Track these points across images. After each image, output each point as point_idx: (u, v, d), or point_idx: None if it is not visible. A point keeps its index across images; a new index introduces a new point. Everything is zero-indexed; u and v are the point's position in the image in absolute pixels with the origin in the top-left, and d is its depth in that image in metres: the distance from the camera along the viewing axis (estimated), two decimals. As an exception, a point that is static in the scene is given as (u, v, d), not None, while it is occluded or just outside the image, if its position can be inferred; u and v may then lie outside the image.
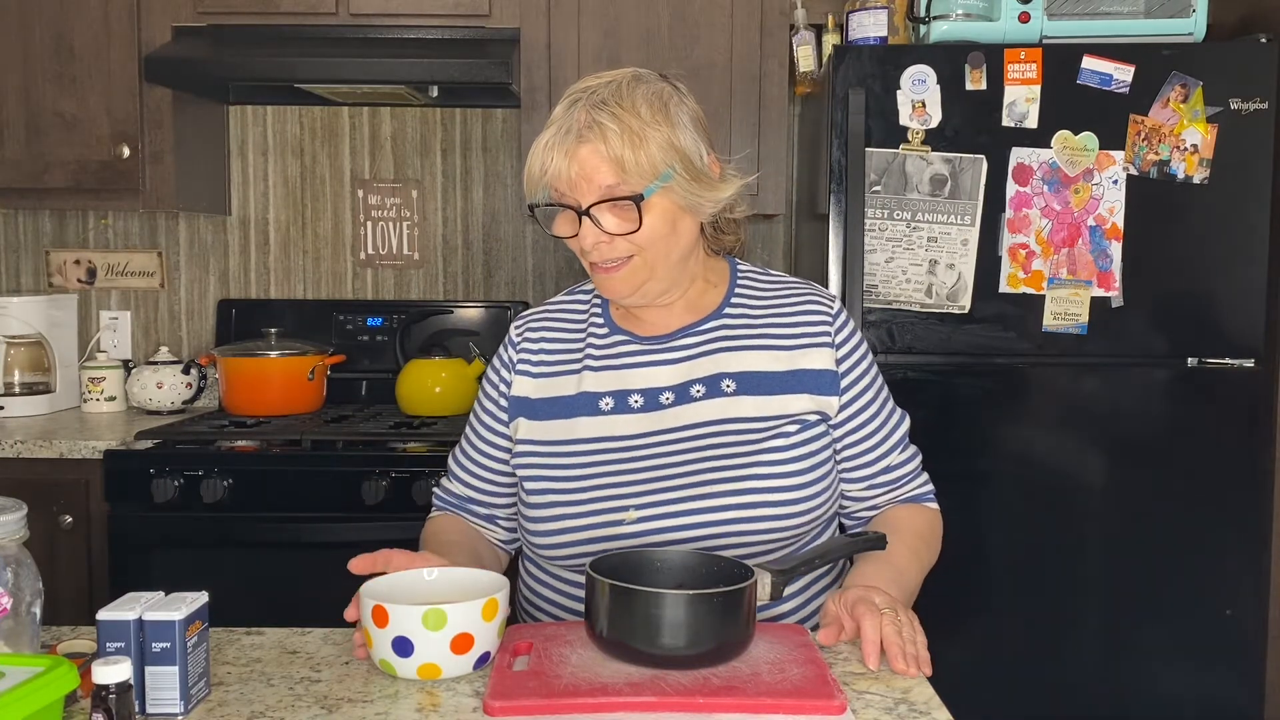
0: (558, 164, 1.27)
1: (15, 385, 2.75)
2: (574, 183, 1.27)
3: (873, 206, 2.19)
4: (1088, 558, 2.25)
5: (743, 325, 1.39)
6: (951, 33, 2.25)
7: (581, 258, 1.34)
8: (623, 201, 1.27)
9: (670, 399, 1.35)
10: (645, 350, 1.38)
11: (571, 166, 1.26)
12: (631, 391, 1.36)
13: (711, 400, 1.34)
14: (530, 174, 1.31)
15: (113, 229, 2.97)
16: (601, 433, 1.35)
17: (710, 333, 1.39)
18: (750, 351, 1.37)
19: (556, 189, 1.29)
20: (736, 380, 1.35)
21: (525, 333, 1.45)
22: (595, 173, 1.26)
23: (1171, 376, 2.23)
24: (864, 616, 1.16)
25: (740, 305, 1.41)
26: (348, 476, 2.25)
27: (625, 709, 0.99)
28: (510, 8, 2.54)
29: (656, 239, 1.30)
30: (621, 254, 1.30)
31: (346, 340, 2.85)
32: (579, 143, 1.26)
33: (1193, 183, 2.20)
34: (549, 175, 1.28)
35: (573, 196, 1.28)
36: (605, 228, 1.28)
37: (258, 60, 2.50)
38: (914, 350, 2.22)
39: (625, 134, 1.25)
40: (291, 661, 1.15)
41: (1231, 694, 2.25)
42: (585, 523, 1.31)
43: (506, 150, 2.94)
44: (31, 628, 1.04)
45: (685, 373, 1.36)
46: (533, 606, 1.42)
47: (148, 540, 2.28)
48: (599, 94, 1.28)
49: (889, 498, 1.42)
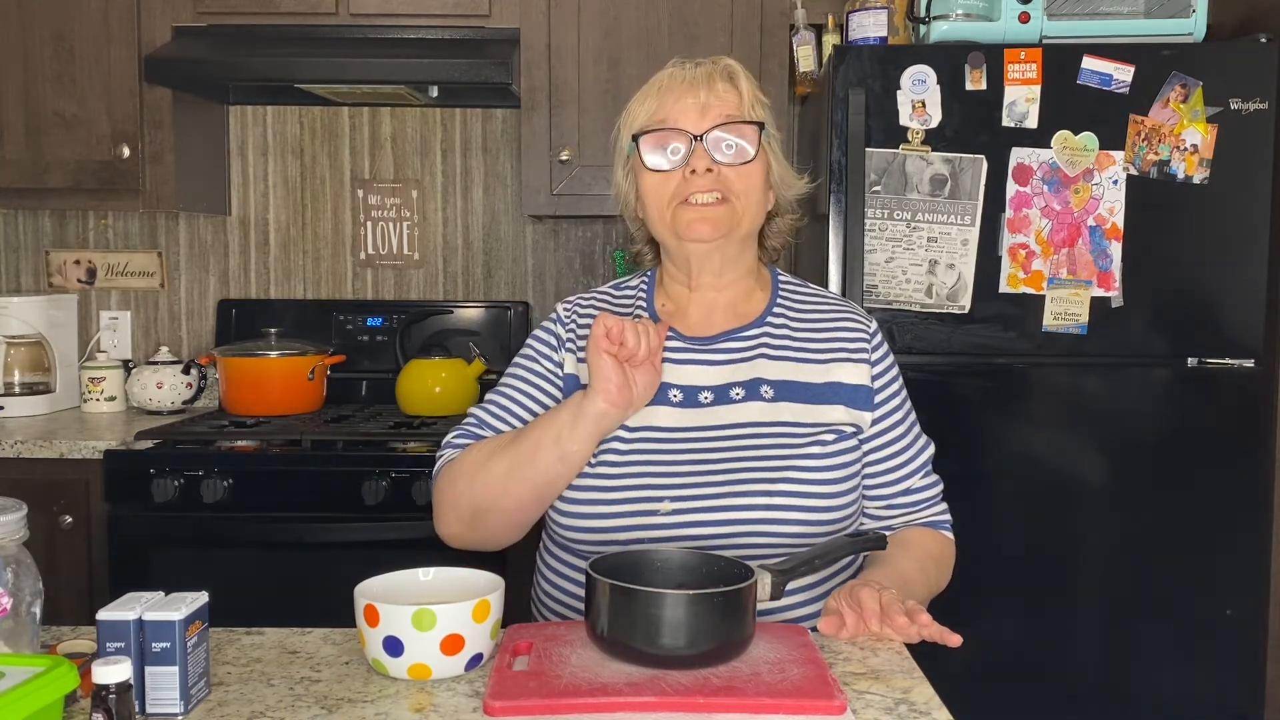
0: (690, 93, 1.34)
1: (15, 385, 2.75)
2: (704, 108, 1.33)
3: (873, 206, 2.19)
4: (1088, 557, 2.25)
5: (783, 335, 1.41)
6: (951, 33, 2.25)
7: (669, 203, 1.36)
8: (744, 126, 1.34)
9: (709, 398, 1.37)
10: (689, 349, 1.39)
11: (710, 96, 1.33)
12: (671, 386, 1.37)
13: (750, 404, 1.36)
14: (645, 105, 1.37)
15: (113, 229, 2.97)
16: (645, 422, 1.35)
17: (753, 340, 1.40)
18: (789, 362, 1.39)
19: (672, 118, 1.35)
20: (775, 388, 1.37)
21: (575, 314, 1.45)
22: (727, 101, 1.34)
23: (1171, 376, 2.23)
24: (862, 590, 1.18)
25: (782, 315, 1.43)
26: (348, 476, 2.25)
27: (625, 709, 0.99)
28: (510, 8, 2.54)
29: (752, 189, 1.36)
30: (722, 190, 1.34)
31: (346, 340, 2.85)
32: (713, 80, 1.35)
33: (1193, 183, 2.20)
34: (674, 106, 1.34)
35: (686, 126, 1.34)
36: (720, 157, 1.33)
37: (258, 60, 2.50)
38: (914, 350, 2.22)
39: (752, 89, 1.37)
40: (291, 661, 1.15)
41: (1231, 694, 2.25)
42: (620, 510, 1.31)
43: (506, 150, 2.94)
44: (31, 628, 1.04)
45: (726, 375, 1.38)
46: (550, 600, 1.41)
47: (148, 540, 2.28)
48: (718, 63, 1.38)
49: (905, 520, 1.44)
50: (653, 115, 1.35)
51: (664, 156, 1.35)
